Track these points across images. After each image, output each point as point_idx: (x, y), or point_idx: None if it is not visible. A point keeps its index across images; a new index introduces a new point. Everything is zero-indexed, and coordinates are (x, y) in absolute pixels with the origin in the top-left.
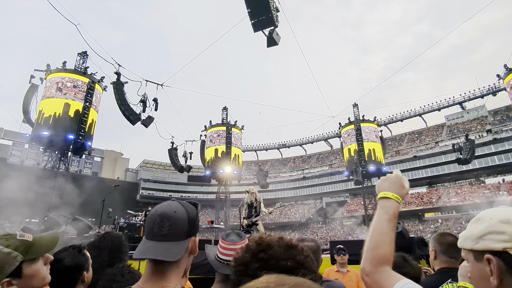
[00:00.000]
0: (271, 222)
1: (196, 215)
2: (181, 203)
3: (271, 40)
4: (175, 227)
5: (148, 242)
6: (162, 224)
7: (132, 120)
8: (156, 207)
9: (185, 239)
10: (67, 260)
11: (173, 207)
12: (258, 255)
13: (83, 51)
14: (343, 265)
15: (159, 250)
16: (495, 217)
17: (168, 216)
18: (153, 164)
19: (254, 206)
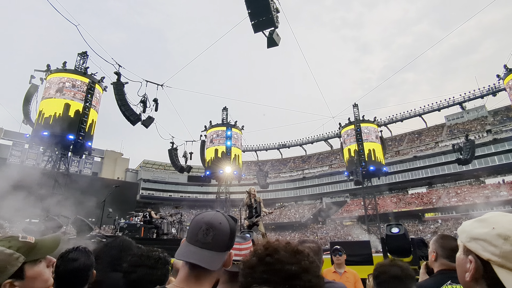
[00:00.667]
0: (271, 222)
1: (235, 228)
2: (225, 215)
3: (271, 41)
4: (219, 238)
5: (191, 246)
6: (207, 232)
7: (132, 121)
8: (202, 214)
9: (225, 251)
10: (82, 260)
11: (219, 218)
12: (265, 259)
13: (83, 52)
14: (340, 266)
15: (201, 257)
16: (497, 228)
17: (214, 226)
18: (153, 164)
19: (254, 206)
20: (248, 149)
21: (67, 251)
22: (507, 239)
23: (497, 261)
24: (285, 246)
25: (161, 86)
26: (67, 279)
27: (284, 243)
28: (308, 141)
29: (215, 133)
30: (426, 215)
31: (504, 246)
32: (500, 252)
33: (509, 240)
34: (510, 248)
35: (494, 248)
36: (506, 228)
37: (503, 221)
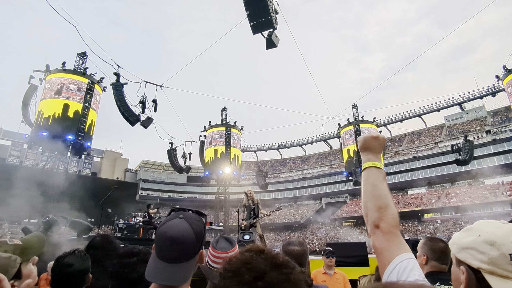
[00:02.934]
0: (271, 223)
1: (203, 229)
2: (188, 221)
3: (270, 42)
4: (184, 251)
5: (159, 262)
6: (172, 248)
7: (131, 121)
8: (165, 226)
9: (194, 258)
10: (78, 265)
11: (181, 229)
12: (256, 285)
13: (82, 52)
14: (330, 267)
15: (169, 276)
16: (483, 235)
17: (178, 240)
18: (152, 164)
19: (252, 208)
20: (247, 150)
21: (63, 255)
22: (493, 244)
23: (487, 268)
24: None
25: (160, 86)
26: (62, 283)
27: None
28: (308, 141)
29: (214, 134)
30: (425, 215)
31: (491, 252)
32: (488, 258)
33: (495, 245)
34: (497, 253)
35: (482, 256)
36: (492, 234)
37: (488, 227)
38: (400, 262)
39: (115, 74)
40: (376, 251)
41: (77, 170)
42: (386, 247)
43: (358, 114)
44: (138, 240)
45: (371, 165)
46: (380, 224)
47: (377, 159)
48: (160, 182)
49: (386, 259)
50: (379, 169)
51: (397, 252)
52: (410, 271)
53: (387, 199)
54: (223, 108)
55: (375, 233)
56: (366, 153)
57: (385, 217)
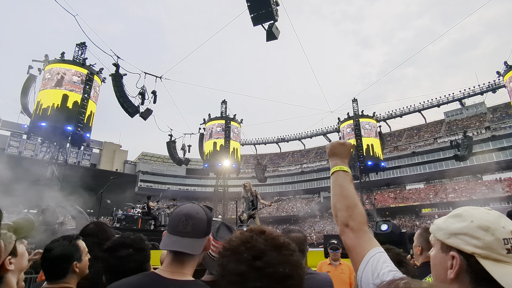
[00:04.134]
0: (269, 216)
1: (211, 216)
2: (201, 206)
3: (270, 34)
4: (197, 226)
5: (173, 236)
6: (187, 222)
7: (130, 113)
8: (180, 207)
9: (203, 237)
10: (56, 250)
11: (196, 209)
12: (254, 264)
13: (81, 42)
14: (335, 259)
15: (183, 244)
16: (476, 221)
17: (192, 216)
18: (151, 156)
19: (251, 199)
20: (246, 143)
21: (51, 241)
22: (487, 230)
23: (482, 253)
24: (268, 242)
25: (160, 78)
26: (44, 268)
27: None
28: (307, 135)
29: (214, 126)
30: (423, 210)
31: (486, 237)
32: (483, 243)
33: (489, 230)
34: (491, 238)
35: (476, 241)
36: (485, 220)
37: (478, 213)
38: (373, 256)
39: (115, 65)
40: (348, 249)
41: (76, 161)
42: (357, 244)
43: (358, 108)
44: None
45: (338, 169)
46: (349, 223)
47: (343, 164)
48: (159, 174)
49: (358, 255)
50: (346, 172)
51: (368, 247)
52: (383, 263)
53: (354, 199)
54: (223, 101)
55: (344, 232)
56: (333, 158)
57: (353, 216)
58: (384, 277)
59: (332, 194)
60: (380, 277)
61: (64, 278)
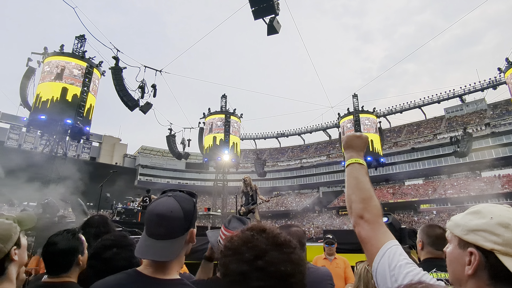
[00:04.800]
0: (268, 211)
1: (192, 207)
2: (177, 199)
3: (271, 28)
4: (172, 227)
5: (148, 239)
6: (159, 224)
7: (130, 106)
8: (153, 204)
9: (183, 235)
10: (62, 243)
11: (169, 206)
12: (256, 263)
13: (81, 35)
14: (331, 254)
15: (157, 251)
16: (496, 218)
17: (165, 216)
18: (151, 150)
19: (250, 194)
20: (246, 137)
21: (53, 235)
22: (507, 227)
23: (501, 249)
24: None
25: (160, 72)
26: (48, 262)
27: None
28: (307, 130)
29: (213, 121)
30: (421, 206)
31: (506, 234)
32: (503, 240)
33: (509, 227)
34: (511, 235)
35: (496, 237)
36: (505, 217)
37: (498, 210)
38: (389, 249)
39: (114, 58)
40: (363, 241)
41: (76, 154)
42: (373, 236)
43: (358, 104)
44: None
45: (354, 161)
46: (365, 215)
47: (359, 156)
48: (159, 168)
49: (374, 247)
50: (361, 165)
51: (384, 239)
52: (399, 256)
53: (370, 192)
54: (223, 95)
55: (359, 224)
56: (349, 151)
57: (369, 208)
58: (402, 269)
59: (347, 186)
60: (397, 269)
61: (67, 271)
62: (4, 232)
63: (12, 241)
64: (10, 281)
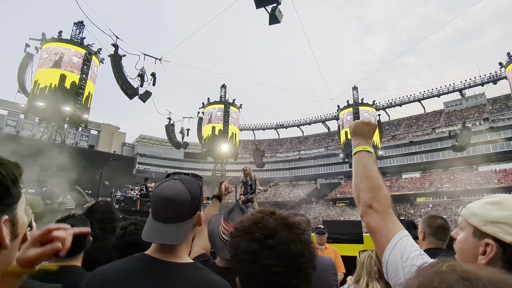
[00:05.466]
0: (265, 201)
1: (199, 191)
2: (184, 182)
3: (273, 17)
4: (179, 210)
5: (155, 223)
6: (167, 208)
7: (129, 94)
8: (160, 187)
9: (190, 218)
10: (80, 226)
11: (176, 190)
12: (266, 242)
13: (79, 21)
14: (321, 244)
15: (165, 234)
16: None
17: (172, 199)
18: (149, 139)
19: (249, 184)
20: (245, 128)
21: (64, 218)
22: None
23: None
24: (278, 222)
25: (159, 60)
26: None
27: (273, 217)
28: (306, 122)
29: (213, 111)
30: (417, 199)
31: None
32: None
33: None
34: None
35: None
36: None
37: None
38: (401, 239)
39: (113, 45)
40: (372, 231)
41: (74, 142)
42: (383, 226)
43: (358, 96)
44: (135, 212)
45: (361, 149)
46: (374, 204)
47: (367, 144)
48: (157, 157)
49: (384, 237)
50: (369, 153)
51: (395, 230)
52: (411, 247)
53: (379, 181)
54: (222, 85)
55: (368, 213)
56: (356, 138)
57: (378, 197)
58: (414, 261)
59: (354, 175)
60: (410, 261)
61: (78, 254)
62: None
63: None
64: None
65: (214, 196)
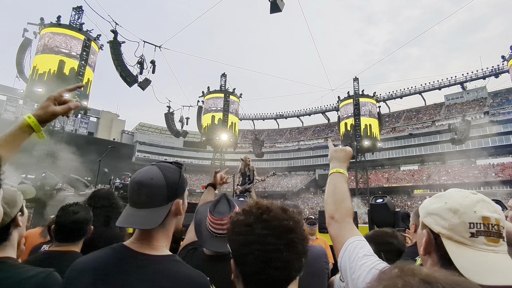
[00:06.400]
0: (264, 191)
1: (178, 177)
2: (160, 167)
3: (274, 6)
4: (153, 194)
5: (129, 209)
6: (139, 192)
7: (129, 82)
8: (136, 172)
9: (166, 204)
10: (83, 213)
11: (151, 174)
12: (262, 217)
13: (78, 6)
14: (312, 234)
15: (137, 219)
16: (449, 203)
17: (145, 183)
18: (149, 127)
19: (248, 174)
20: (245, 118)
21: (68, 205)
22: (456, 212)
23: (446, 233)
24: (274, 204)
25: (159, 47)
26: (67, 230)
27: (270, 202)
28: (306, 112)
29: (212, 100)
30: (415, 191)
31: (452, 220)
32: (449, 225)
33: (457, 213)
34: (457, 221)
35: (444, 222)
36: (456, 202)
37: (456, 196)
38: (351, 243)
39: (113, 31)
40: (332, 239)
41: (74, 129)
42: (340, 234)
43: (358, 87)
44: None
45: (335, 171)
46: (335, 215)
47: (340, 167)
48: (157, 145)
49: (339, 243)
50: (341, 174)
51: (348, 236)
52: (360, 249)
53: (343, 195)
54: (222, 74)
55: (330, 223)
56: (333, 162)
57: (339, 209)
58: (358, 261)
59: (325, 192)
60: (355, 262)
61: (79, 240)
62: (11, 197)
63: (18, 207)
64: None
65: (209, 184)
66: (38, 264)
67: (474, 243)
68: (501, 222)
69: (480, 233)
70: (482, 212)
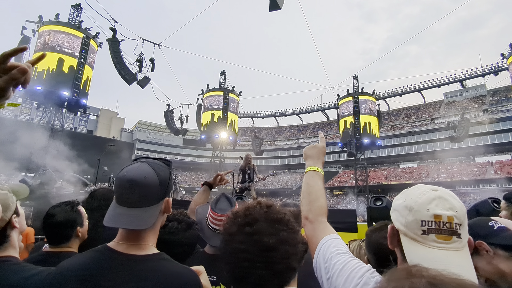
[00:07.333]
0: (263, 188)
1: (168, 175)
2: (151, 165)
3: (274, 3)
4: (146, 194)
5: (119, 207)
6: (132, 191)
7: (128, 80)
8: (125, 169)
9: (157, 203)
10: (59, 216)
11: (143, 172)
12: (244, 229)
13: (77, 4)
14: None
15: (130, 219)
16: (407, 200)
17: (138, 182)
18: (148, 125)
19: (248, 172)
20: (244, 116)
21: (52, 207)
22: (411, 210)
23: (403, 230)
24: (266, 214)
25: (158, 45)
26: (48, 233)
27: (264, 209)
28: (305, 110)
29: (212, 98)
30: None
31: (408, 217)
32: (405, 221)
33: (412, 211)
34: (411, 218)
35: (402, 218)
36: (413, 200)
37: (415, 193)
38: (324, 243)
39: (112, 29)
40: (308, 239)
41: (73, 127)
42: (313, 235)
43: (358, 85)
44: None
45: (309, 170)
46: (308, 215)
47: (315, 164)
48: (156, 143)
49: (314, 244)
50: (315, 172)
51: (321, 236)
52: (332, 248)
53: (317, 194)
54: (222, 72)
55: (304, 224)
56: (307, 160)
57: (312, 209)
58: (332, 260)
59: (301, 192)
60: (329, 261)
61: (68, 242)
62: (2, 202)
63: (11, 210)
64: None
65: (206, 182)
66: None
67: (426, 240)
68: (455, 219)
69: (431, 231)
70: (435, 210)
